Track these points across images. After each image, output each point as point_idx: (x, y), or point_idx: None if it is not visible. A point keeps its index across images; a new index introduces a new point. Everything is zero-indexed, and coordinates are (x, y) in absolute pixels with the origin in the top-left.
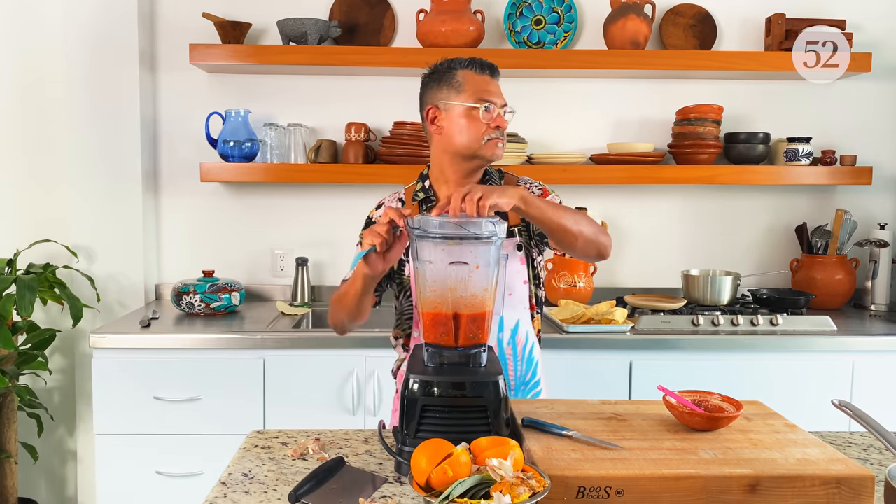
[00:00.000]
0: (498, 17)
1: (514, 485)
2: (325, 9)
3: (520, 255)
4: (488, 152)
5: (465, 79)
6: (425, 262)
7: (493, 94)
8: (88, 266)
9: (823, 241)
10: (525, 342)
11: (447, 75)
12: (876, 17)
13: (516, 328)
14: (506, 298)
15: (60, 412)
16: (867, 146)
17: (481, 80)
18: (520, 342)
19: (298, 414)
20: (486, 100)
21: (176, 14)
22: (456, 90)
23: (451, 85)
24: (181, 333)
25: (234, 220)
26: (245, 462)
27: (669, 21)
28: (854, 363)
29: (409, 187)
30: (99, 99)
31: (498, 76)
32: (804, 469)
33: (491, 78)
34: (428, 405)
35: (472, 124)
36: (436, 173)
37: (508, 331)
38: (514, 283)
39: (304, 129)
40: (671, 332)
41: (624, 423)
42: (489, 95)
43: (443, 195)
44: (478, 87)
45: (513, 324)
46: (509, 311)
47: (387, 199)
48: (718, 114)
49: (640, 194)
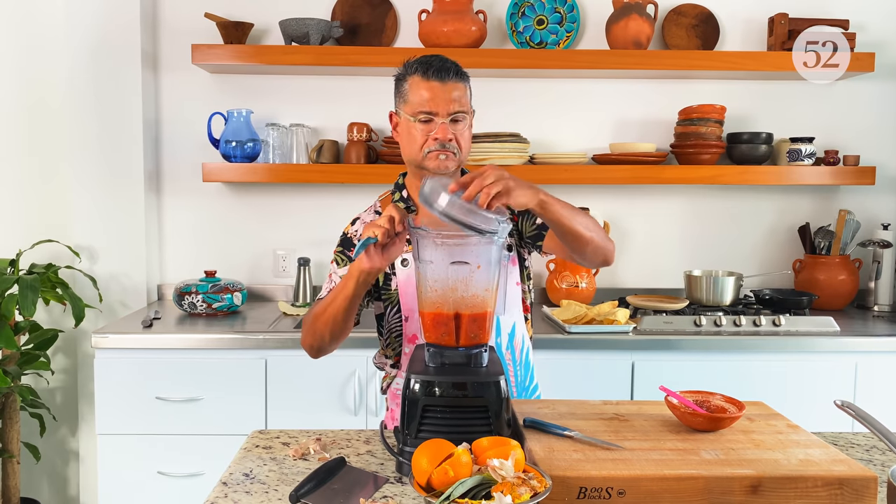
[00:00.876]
0: (500, 17)
1: (516, 485)
2: (327, 9)
3: (511, 255)
4: (430, 165)
5: (410, 86)
6: (426, 261)
7: (436, 102)
8: (91, 266)
9: (826, 241)
10: (522, 346)
11: (399, 82)
12: (879, 17)
13: (513, 332)
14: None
15: (62, 412)
16: (870, 146)
17: (425, 88)
18: (517, 346)
19: (300, 414)
20: (423, 111)
21: (178, 15)
22: (403, 99)
23: (401, 92)
24: (183, 334)
25: (236, 221)
26: (246, 462)
27: (672, 21)
28: (857, 364)
29: (384, 197)
30: (101, 99)
31: (451, 78)
32: (806, 470)
33: (439, 83)
34: (429, 405)
35: (412, 136)
36: (409, 180)
37: (506, 335)
38: (508, 285)
39: (306, 129)
40: (673, 333)
41: (625, 424)
42: (429, 105)
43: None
44: (420, 96)
45: (510, 327)
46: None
47: (362, 215)
48: (721, 114)
49: (643, 195)
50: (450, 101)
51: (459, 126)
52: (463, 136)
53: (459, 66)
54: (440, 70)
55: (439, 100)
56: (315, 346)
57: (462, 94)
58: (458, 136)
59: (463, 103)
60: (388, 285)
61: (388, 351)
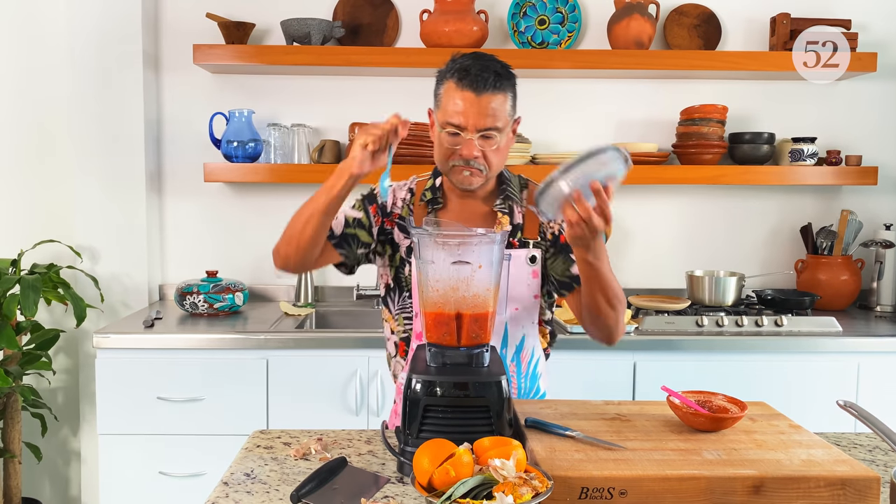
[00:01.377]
0: (502, 17)
1: (517, 485)
2: (328, 9)
3: (533, 267)
4: (454, 179)
5: (444, 92)
6: (427, 261)
7: (466, 115)
8: (92, 266)
9: (828, 241)
10: (530, 358)
11: (437, 82)
12: (882, 17)
13: (522, 343)
14: (512, 313)
15: (64, 412)
16: (873, 146)
17: (458, 98)
18: (524, 359)
19: (302, 414)
20: (451, 123)
21: (179, 15)
22: (437, 102)
23: (436, 95)
24: (185, 334)
25: (237, 221)
26: (247, 462)
27: (674, 21)
28: (859, 364)
29: (421, 180)
30: (103, 99)
31: (487, 90)
32: (809, 470)
33: (473, 94)
34: (431, 405)
35: (441, 145)
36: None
37: (513, 346)
38: (524, 297)
39: (307, 129)
40: (675, 333)
41: (627, 424)
42: (458, 118)
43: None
44: (451, 106)
45: (518, 339)
46: (515, 325)
47: (395, 184)
48: (723, 114)
49: (644, 195)
50: (481, 116)
51: (490, 142)
52: (494, 153)
53: (504, 70)
54: (476, 80)
55: (469, 114)
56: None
57: (500, 107)
58: (486, 153)
59: (498, 117)
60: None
61: (395, 325)
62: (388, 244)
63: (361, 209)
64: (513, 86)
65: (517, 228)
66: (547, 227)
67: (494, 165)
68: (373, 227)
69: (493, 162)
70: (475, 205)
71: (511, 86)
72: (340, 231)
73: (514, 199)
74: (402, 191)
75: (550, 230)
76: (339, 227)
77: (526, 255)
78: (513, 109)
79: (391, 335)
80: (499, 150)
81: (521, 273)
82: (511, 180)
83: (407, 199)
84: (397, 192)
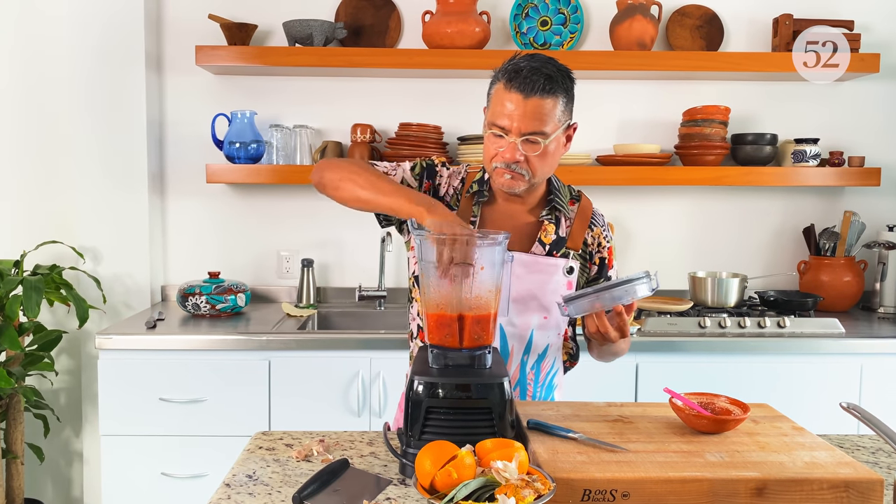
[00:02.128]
0: (504, 18)
1: (519, 487)
2: (330, 10)
3: (569, 279)
4: (496, 180)
5: (495, 92)
6: (430, 262)
7: (511, 118)
8: (95, 267)
9: (831, 242)
10: (550, 369)
11: (493, 80)
12: (884, 18)
13: (544, 353)
14: (541, 321)
15: (66, 413)
16: (875, 147)
17: (506, 99)
18: (545, 368)
19: (304, 415)
20: (496, 124)
21: (182, 16)
22: (488, 101)
23: (489, 93)
24: (187, 335)
25: (239, 222)
26: (249, 463)
27: (676, 22)
28: (863, 366)
29: (471, 171)
30: (105, 101)
31: (536, 93)
32: (812, 472)
33: (521, 96)
34: (433, 407)
35: (487, 145)
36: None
37: (536, 354)
38: (553, 308)
39: (309, 130)
40: (678, 335)
41: (630, 426)
42: (502, 118)
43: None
44: (498, 106)
45: (542, 348)
46: (541, 334)
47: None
48: (725, 115)
49: (647, 196)
50: (526, 120)
51: (534, 147)
52: (539, 159)
53: (558, 73)
54: (525, 82)
55: (515, 116)
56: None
57: (548, 112)
58: (529, 158)
59: (545, 122)
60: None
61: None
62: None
63: (417, 179)
64: (566, 90)
65: (562, 241)
66: (596, 252)
67: (539, 171)
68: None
69: (536, 168)
70: (520, 212)
71: (564, 90)
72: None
73: (561, 210)
74: (456, 178)
75: (598, 254)
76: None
77: (564, 266)
78: (565, 115)
79: (416, 317)
80: (545, 156)
81: (557, 283)
82: (560, 190)
83: (458, 189)
84: (452, 179)
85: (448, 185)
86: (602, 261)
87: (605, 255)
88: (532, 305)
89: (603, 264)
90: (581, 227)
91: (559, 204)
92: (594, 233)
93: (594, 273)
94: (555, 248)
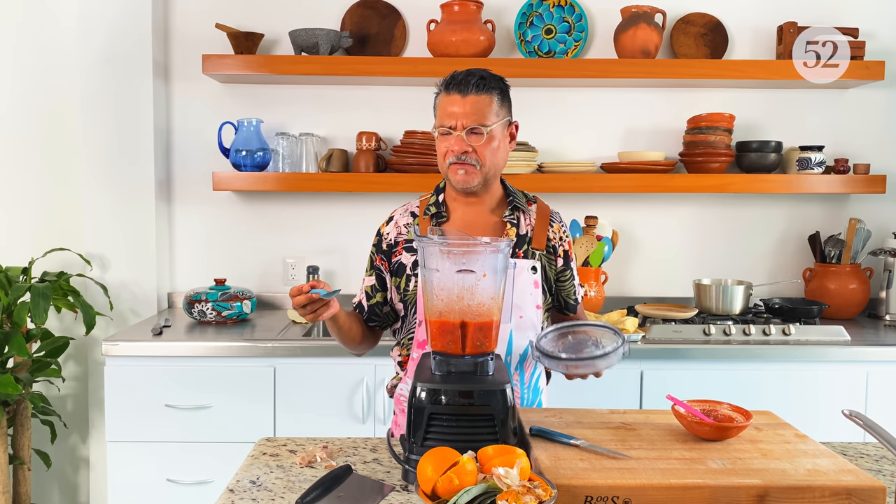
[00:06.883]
0: (508, 27)
1: (521, 493)
2: (336, 19)
3: (534, 278)
4: (452, 178)
5: (438, 103)
6: (432, 270)
7: (454, 115)
8: (102, 274)
9: (837, 250)
10: (533, 370)
11: (435, 96)
12: (889, 26)
13: (525, 353)
14: (517, 321)
15: (73, 419)
16: (881, 154)
17: (447, 101)
18: (528, 369)
19: (308, 422)
20: (442, 125)
21: (189, 25)
22: (435, 113)
23: (434, 110)
24: (193, 341)
25: (245, 229)
26: (253, 469)
27: (680, 30)
28: (868, 374)
29: (423, 199)
30: (113, 109)
31: (470, 91)
32: (814, 480)
33: (459, 96)
34: (435, 413)
35: (438, 147)
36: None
37: (517, 356)
38: (526, 306)
39: (315, 138)
40: (682, 342)
41: (632, 433)
42: (447, 118)
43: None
44: (443, 109)
45: (522, 349)
46: (520, 334)
47: (398, 213)
48: (730, 122)
49: (651, 203)
50: (467, 115)
51: (478, 138)
52: (485, 149)
53: (489, 75)
54: (460, 83)
55: (457, 114)
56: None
57: (486, 106)
58: (477, 148)
59: (485, 115)
60: (408, 287)
61: (401, 350)
62: (396, 275)
63: (371, 271)
64: (500, 90)
65: (524, 239)
66: (559, 245)
67: (488, 161)
68: (384, 274)
69: (485, 157)
70: (481, 214)
71: (497, 89)
72: (367, 305)
73: (521, 210)
74: (404, 217)
75: (562, 247)
76: (365, 302)
77: (528, 265)
78: (503, 110)
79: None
80: (490, 148)
81: (524, 282)
82: (516, 193)
83: (410, 223)
84: (399, 220)
85: (396, 230)
86: (565, 252)
87: (567, 248)
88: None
89: (566, 256)
90: (542, 227)
91: (519, 203)
92: (554, 228)
93: (560, 265)
94: (517, 245)
